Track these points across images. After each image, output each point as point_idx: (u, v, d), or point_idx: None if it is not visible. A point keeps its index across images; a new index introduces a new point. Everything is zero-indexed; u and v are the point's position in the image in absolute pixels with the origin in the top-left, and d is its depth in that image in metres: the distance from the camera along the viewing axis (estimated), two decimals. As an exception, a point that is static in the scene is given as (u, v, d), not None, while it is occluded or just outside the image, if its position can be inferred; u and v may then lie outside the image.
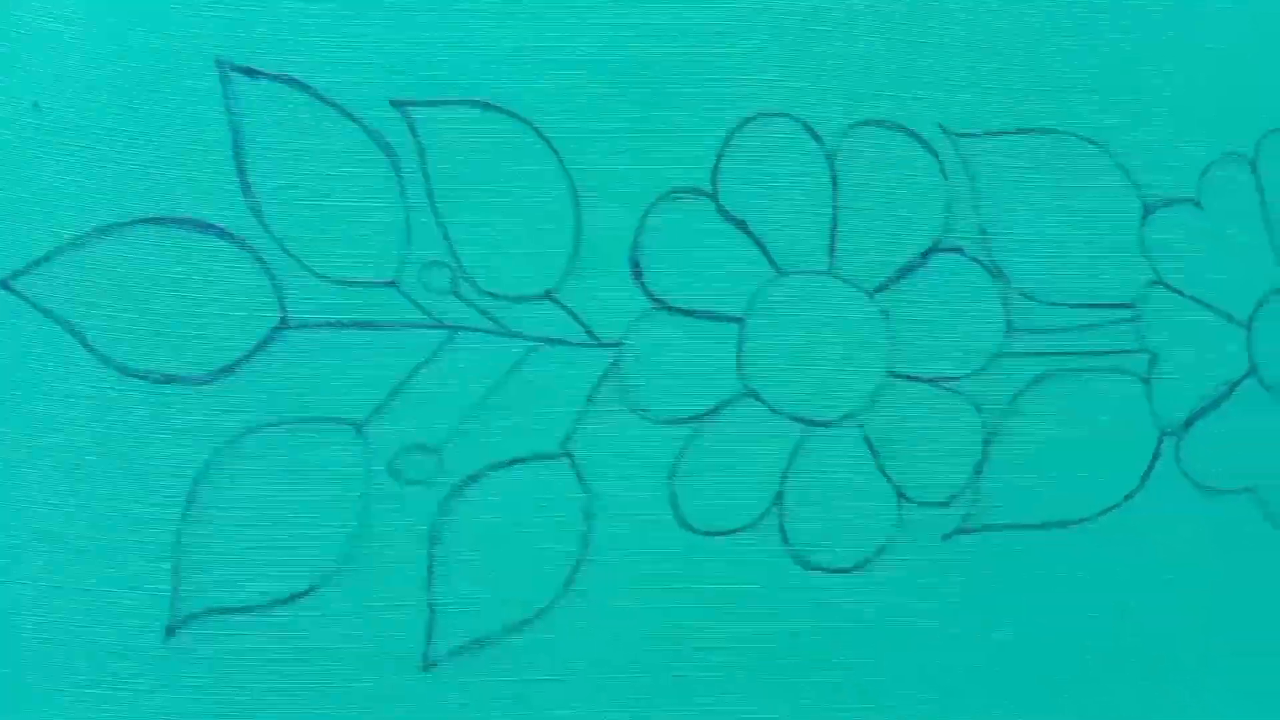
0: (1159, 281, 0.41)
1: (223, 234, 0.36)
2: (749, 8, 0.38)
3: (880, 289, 0.39)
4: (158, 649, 0.36)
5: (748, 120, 0.38)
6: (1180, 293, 0.41)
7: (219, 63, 0.36)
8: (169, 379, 0.36)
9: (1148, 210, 0.41)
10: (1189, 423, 0.41)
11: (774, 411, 0.39)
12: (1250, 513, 0.42)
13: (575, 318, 0.38)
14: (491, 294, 0.37)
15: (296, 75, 0.36)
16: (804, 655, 0.39)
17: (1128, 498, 0.41)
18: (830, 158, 0.39)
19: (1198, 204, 0.41)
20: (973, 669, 0.40)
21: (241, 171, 0.36)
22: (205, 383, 0.36)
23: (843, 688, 0.39)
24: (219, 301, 0.36)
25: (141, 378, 0.36)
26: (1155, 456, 0.41)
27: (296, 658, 0.36)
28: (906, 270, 0.39)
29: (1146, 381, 0.41)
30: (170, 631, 0.36)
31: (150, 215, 0.36)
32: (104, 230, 0.36)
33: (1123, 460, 0.41)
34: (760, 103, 0.38)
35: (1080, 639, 0.40)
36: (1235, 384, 0.42)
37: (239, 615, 0.36)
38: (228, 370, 0.36)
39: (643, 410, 0.38)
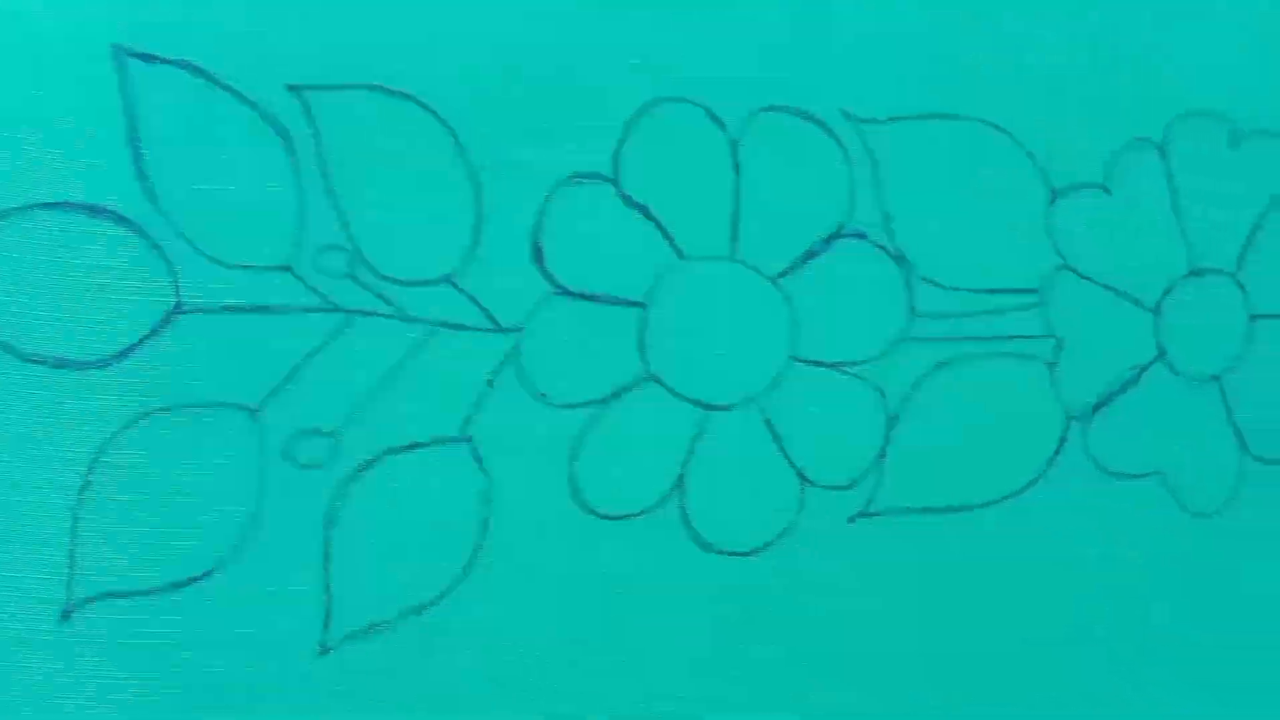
0: (1065, 267, 0.41)
1: (118, 219, 0.36)
2: (650, -8, 0.39)
3: (783, 274, 0.39)
4: (53, 632, 0.36)
5: (650, 105, 0.38)
6: (1087, 278, 0.41)
7: (115, 48, 0.36)
8: (64, 363, 0.36)
9: (1054, 196, 0.41)
10: (1096, 408, 0.41)
11: (676, 395, 0.39)
12: (1160, 497, 0.42)
13: (475, 302, 0.38)
14: (389, 278, 0.37)
15: (192, 60, 0.36)
16: (705, 638, 0.39)
17: (1033, 483, 0.41)
18: (733, 144, 0.39)
19: (1106, 189, 0.41)
20: (875, 652, 0.40)
21: (137, 156, 0.36)
22: (101, 367, 0.36)
23: (744, 671, 0.39)
24: (114, 286, 0.36)
25: (38, 362, 0.36)
26: (1062, 441, 0.41)
27: (192, 641, 0.36)
28: (809, 256, 0.39)
29: (1052, 367, 0.41)
30: (66, 615, 0.36)
31: (46, 200, 0.36)
32: (1, 214, 0.36)
33: (1028, 445, 0.41)
34: (663, 89, 0.38)
35: (984, 623, 0.41)
36: (1143, 369, 0.42)
37: (135, 599, 0.36)
38: (123, 355, 0.36)
39: (543, 395, 0.38)
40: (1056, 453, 0.41)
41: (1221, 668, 0.43)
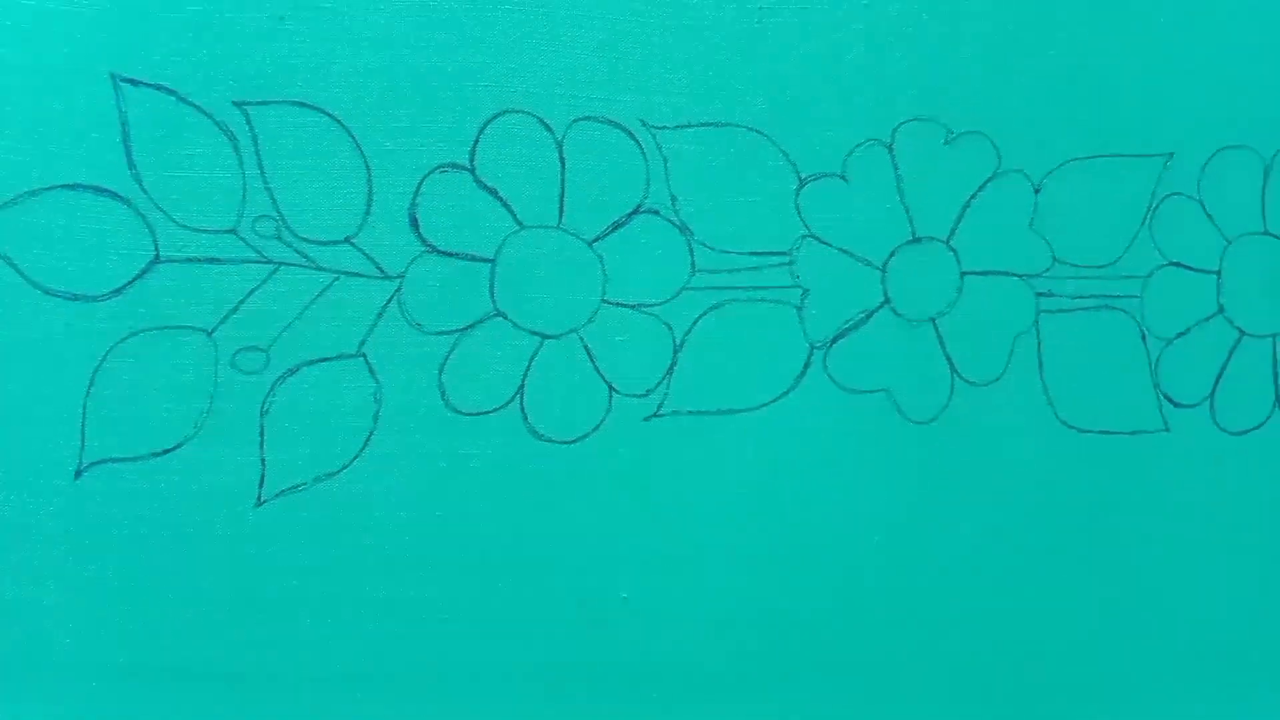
0: (810, 235, 0.55)
1: (115, 195, 0.51)
2: (494, 31, 0.53)
3: (597, 239, 0.54)
4: (69, 486, 0.51)
5: (496, 115, 0.53)
6: (827, 244, 0.55)
7: (112, 75, 0.51)
8: (76, 297, 0.51)
9: (802, 182, 0.55)
10: (834, 340, 0.55)
11: (517, 327, 0.53)
12: (885, 407, 0.56)
13: (368, 257, 0.52)
14: (306, 239, 0.52)
15: (166, 83, 0.51)
16: (532, 507, 0.54)
17: (784, 394, 0.55)
18: (558, 143, 0.53)
19: (844, 178, 0.55)
20: (665, 515, 0.54)
21: (128, 151, 0.51)
22: (103, 300, 0.51)
23: (565, 528, 0.54)
24: (111, 243, 0.51)
25: (58, 296, 0.51)
26: (806, 364, 0.55)
27: (167, 495, 0.52)
28: (616, 226, 0.54)
29: (799, 309, 0.55)
30: (78, 474, 0.51)
31: (65, 183, 0.51)
32: (33, 192, 0.51)
33: (780, 367, 0.55)
34: (505, 102, 0.53)
35: (744, 505, 0.55)
36: (872, 312, 0.56)
37: (126, 463, 0.51)
38: (118, 292, 0.51)
39: (418, 324, 0.53)
40: (802, 373, 0.55)
41: (934, 552, 0.56)
